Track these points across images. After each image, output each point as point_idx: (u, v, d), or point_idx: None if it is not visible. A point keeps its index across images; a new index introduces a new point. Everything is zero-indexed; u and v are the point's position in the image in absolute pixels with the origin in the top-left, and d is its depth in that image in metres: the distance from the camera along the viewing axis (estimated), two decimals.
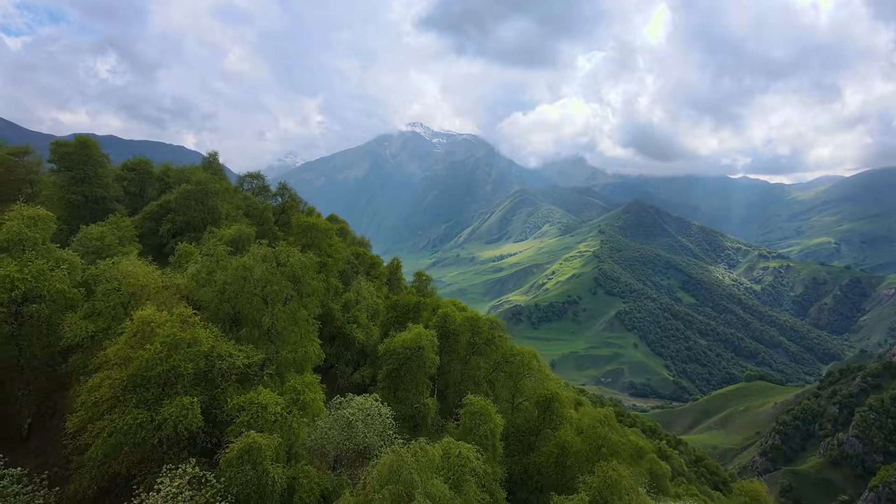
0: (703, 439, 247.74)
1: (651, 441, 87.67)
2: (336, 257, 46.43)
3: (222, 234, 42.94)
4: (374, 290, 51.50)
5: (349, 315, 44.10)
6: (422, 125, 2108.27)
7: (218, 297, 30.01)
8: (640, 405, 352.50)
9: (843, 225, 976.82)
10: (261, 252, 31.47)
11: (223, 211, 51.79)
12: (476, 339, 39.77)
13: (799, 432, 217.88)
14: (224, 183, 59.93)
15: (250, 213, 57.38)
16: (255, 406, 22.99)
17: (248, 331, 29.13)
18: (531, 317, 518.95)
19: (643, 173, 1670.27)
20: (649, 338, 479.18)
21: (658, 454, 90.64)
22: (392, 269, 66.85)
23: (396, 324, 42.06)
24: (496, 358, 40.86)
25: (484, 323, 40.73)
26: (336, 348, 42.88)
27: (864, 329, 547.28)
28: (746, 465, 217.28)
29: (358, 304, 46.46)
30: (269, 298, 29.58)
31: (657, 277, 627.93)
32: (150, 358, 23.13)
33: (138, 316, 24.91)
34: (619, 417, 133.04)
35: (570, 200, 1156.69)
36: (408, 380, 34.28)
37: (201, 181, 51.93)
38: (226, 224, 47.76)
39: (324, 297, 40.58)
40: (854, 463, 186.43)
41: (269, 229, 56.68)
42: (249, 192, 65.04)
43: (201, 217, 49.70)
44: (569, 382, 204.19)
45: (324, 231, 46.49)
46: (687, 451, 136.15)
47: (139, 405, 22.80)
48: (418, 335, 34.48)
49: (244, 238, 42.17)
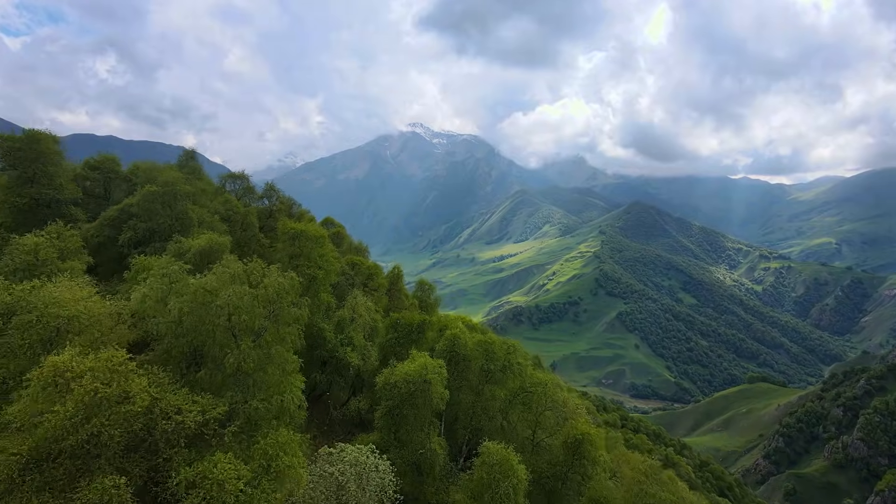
0: (705, 441, 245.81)
1: (657, 447, 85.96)
2: (328, 269, 39.70)
3: (189, 245, 35.64)
4: (371, 306, 45.00)
5: (343, 336, 38.02)
6: (422, 125, 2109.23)
7: (172, 329, 23.58)
8: (641, 406, 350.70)
9: (844, 225, 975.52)
10: (229, 270, 24.78)
11: (195, 217, 44.02)
12: (491, 365, 34.55)
13: (803, 435, 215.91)
14: (201, 184, 53.41)
15: (231, 218, 50.33)
16: (208, 482, 17.52)
17: (209, 373, 23.17)
18: (532, 318, 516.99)
19: (644, 174, 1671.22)
20: (650, 339, 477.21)
21: (665, 461, 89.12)
22: (392, 279, 59.75)
23: (397, 346, 37.41)
24: (513, 387, 35.71)
25: (499, 347, 35.63)
26: (328, 374, 37.71)
27: (865, 330, 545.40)
28: (750, 467, 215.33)
29: (353, 323, 40.63)
30: (236, 331, 23.05)
31: (658, 278, 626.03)
32: (59, 423, 16.92)
33: (49, 362, 18.54)
34: (622, 422, 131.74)
35: (570, 201, 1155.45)
36: (411, 419, 29.18)
37: (169, 181, 44.46)
38: (197, 232, 39.88)
39: (313, 317, 35.40)
40: (859, 466, 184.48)
41: (252, 237, 50.35)
42: (232, 195, 58.21)
43: (168, 224, 42.23)
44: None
45: (314, 239, 40.13)
46: (692, 455, 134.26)
47: (42, 490, 16.88)
48: (424, 366, 29.15)
49: (216, 249, 34.97)
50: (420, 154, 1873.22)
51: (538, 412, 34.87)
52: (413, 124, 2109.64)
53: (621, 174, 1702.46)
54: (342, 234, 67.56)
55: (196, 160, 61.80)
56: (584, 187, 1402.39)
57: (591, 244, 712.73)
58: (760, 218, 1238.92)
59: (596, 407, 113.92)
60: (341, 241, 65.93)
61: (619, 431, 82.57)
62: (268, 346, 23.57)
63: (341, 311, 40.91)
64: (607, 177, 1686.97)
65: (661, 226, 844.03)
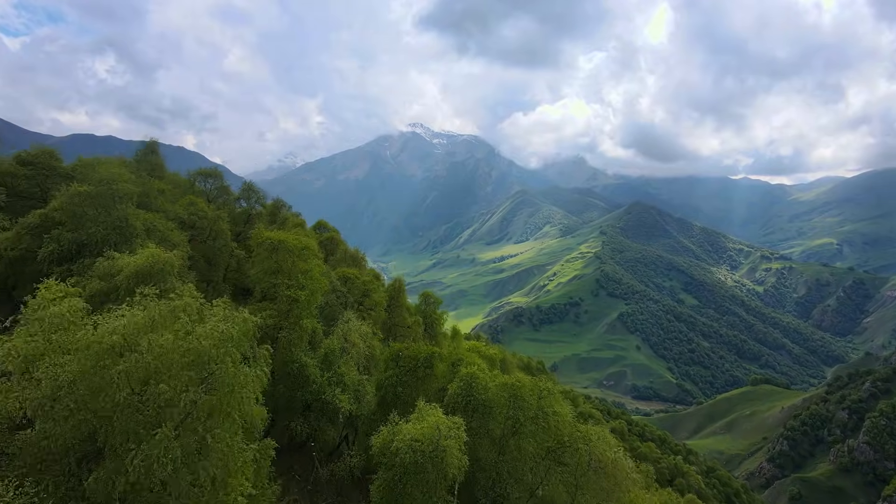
0: (708, 444, 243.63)
1: (665, 455, 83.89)
2: (313, 288, 32.43)
3: (123, 263, 25.71)
4: (367, 330, 38.00)
5: (331, 374, 30.83)
6: (422, 126, 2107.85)
7: (48, 408, 14.71)
8: (643, 408, 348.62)
9: (845, 226, 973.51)
10: (151, 312, 16.14)
11: (139, 225, 34.41)
12: (519, 414, 27.79)
13: (807, 438, 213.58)
14: (161, 184, 44.88)
15: (196, 225, 41.57)
16: None
17: (106, 478, 14.22)
18: (532, 319, 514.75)
19: (644, 174, 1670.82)
20: (652, 340, 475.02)
21: (674, 471, 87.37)
22: (393, 292, 52.27)
23: (399, 385, 31.00)
24: (547, 441, 28.45)
25: (530, 390, 28.54)
26: (312, 420, 30.34)
27: (867, 331, 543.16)
28: (754, 471, 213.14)
29: (345, 355, 33.70)
30: (151, 410, 14.67)
31: (659, 279, 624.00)
32: None
33: None
34: (628, 426, 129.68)
35: (570, 201, 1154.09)
36: (417, 496, 22.43)
37: (108, 179, 35.04)
38: (141, 245, 29.96)
39: (294, 350, 29.93)
40: (865, 470, 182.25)
41: (223, 247, 41.98)
42: (204, 196, 50.13)
43: (102, 234, 32.49)
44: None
45: (296, 252, 32.96)
46: (698, 461, 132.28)
47: None
48: (436, 427, 22.42)
49: (159, 270, 25.22)
50: (420, 154, 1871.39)
51: (580, 473, 28.24)
52: (413, 124, 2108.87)
53: (622, 174, 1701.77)
54: (336, 240, 60.98)
55: (159, 154, 52.98)
56: (584, 188, 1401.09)
57: (592, 245, 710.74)
58: (761, 218, 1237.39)
59: (601, 412, 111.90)
60: (335, 248, 59.69)
61: (626, 442, 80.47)
62: (199, 431, 15.07)
63: (329, 340, 33.72)
64: (608, 177, 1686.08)
65: (661, 226, 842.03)
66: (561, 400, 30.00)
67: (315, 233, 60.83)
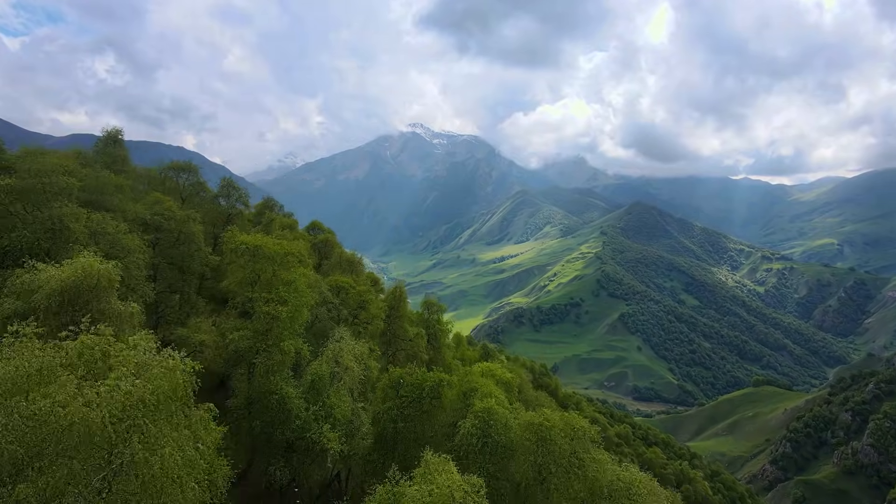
0: (710, 446, 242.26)
1: (671, 461, 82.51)
2: (298, 303, 27.52)
3: (45, 278, 19.52)
4: (364, 350, 31.90)
5: (318, 406, 25.42)
6: (422, 126, 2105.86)
7: None
8: (644, 409, 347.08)
9: (845, 226, 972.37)
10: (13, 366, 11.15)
11: (78, 228, 27.69)
12: (546, 459, 23.29)
13: (811, 440, 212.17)
14: (118, 179, 37.44)
15: (163, 227, 35.45)
16: None
17: None
18: (533, 319, 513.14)
19: (645, 174, 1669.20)
20: (653, 341, 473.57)
21: (680, 477, 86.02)
22: (393, 302, 46.70)
23: (400, 420, 26.20)
24: (580, 492, 23.42)
25: (561, 432, 23.88)
26: (295, 463, 25.24)
27: (869, 332, 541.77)
28: (756, 473, 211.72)
29: (336, 382, 27.90)
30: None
31: (660, 279, 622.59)
32: None
33: None
34: (632, 430, 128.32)
35: (571, 201, 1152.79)
36: None
37: (40, 171, 29.31)
38: (77, 251, 22.55)
39: (273, 379, 25.40)
40: (869, 473, 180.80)
41: (194, 253, 36.24)
42: (179, 194, 44.68)
43: (31, 237, 26.48)
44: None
45: (278, 259, 28.21)
46: (702, 465, 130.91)
47: None
48: (449, 497, 17.15)
49: (93, 287, 19.59)
50: (420, 154, 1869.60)
51: None
52: (413, 124, 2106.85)
53: (622, 174, 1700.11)
54: (331, 243, 56.28)
55: (122, 145, 46.25)
56: (585, 188, 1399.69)
57: (593, 245, 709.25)
58: (762, 219, 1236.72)
59: (605, 416, 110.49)
60: (330, 252, 54.85)
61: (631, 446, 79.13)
62: None
63: (317, 364, 27.95)
64: (608, 177, 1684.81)
65: (662, 226, 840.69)
66: (595, 437, 25.51)
67: (308, 235, 57.14)
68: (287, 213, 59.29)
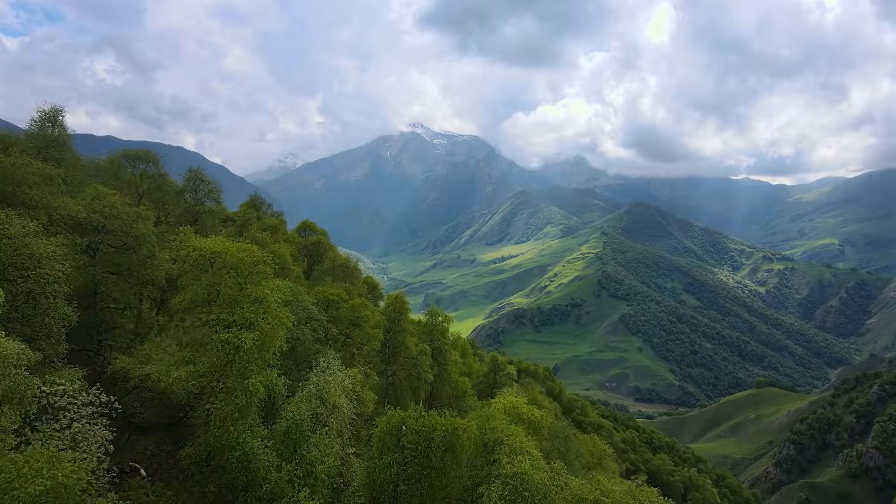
0: (713, 448, 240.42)
1: (679, 468, 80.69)
2: (267, 327, 21.22)
3: None
4: (359, 377, 26.25)
5: (293, 466, 19.86)
6: (422, 126, 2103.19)
7: None
8: (645, 411, 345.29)
9: (846, 227, 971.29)
10: None
11: None
12: None
13: (814, 442, 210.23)
14: (41, 167, 28.73)
15: (106, 228, 27.40)
16: None
17: None
18: (533, 320, 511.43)
19: (645, 174, 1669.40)
20: (654, 341, 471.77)
21: (688, 484, 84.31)
22: (393, 315, 40.81)
23: (403, 481, 20.60)
24: None
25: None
26: None
27: (870, 332, 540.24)
28: (760, 475, 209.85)
29: (320, 427, 21.97)
30: None
31: (661, 280, 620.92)
32: None
33: None
34: (639, 434, 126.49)
35: (571, 202, 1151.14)
36: None
37: None
38: None
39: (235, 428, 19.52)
40: (874, 476, 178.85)
41: (145, 260, 28.04)
42: (136, 189, 37.64)
43: None
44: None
45: (244, 270, 22.29)
46: (707, 469, 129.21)
47: None
48: None
49: None
50: (420, 154, 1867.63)
51: None
52: (413, 124, 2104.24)
53: (623, 175, 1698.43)
54: (324, 245, 50.85)
55: (63, 127, 36.92)
56: (585, 188, 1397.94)
57: (593, 245, 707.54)
58: (763, 219, 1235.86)
59: (610, 420, 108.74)
60: (322, 255, 49.85)
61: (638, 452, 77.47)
62: None
63: (295, 404, 21.96)
64: (609, 177, 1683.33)
65: (663, 227, 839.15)
66: None
67: (298, 237, 53.13)
68: (276, 213, 53.78)
